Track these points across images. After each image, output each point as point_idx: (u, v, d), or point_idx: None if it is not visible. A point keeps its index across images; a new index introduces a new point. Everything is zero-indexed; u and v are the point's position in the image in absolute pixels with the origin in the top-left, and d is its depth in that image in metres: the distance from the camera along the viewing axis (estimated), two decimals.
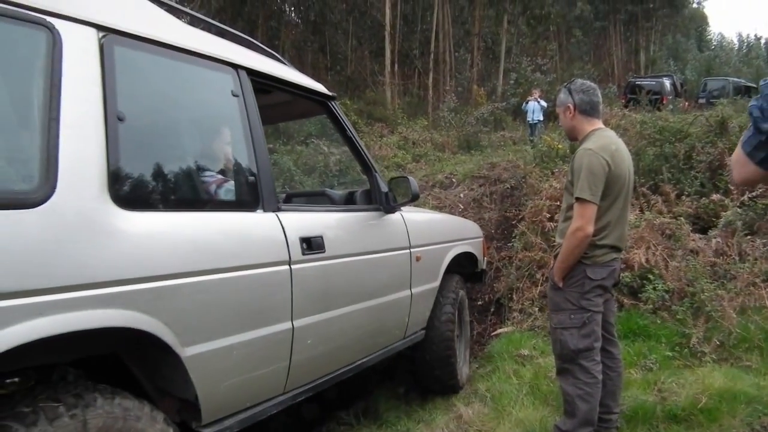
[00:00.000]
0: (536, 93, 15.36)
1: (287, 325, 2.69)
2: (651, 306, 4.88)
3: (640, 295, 5.04)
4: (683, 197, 6.32)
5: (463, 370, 4.57)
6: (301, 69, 3.31)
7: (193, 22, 3.03)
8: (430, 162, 13.27)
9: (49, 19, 1.97)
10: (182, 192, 2.49)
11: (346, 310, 3.12)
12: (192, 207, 2.45)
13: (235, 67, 2.79)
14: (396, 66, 22.88)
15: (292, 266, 2.70)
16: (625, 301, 5.06)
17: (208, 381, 2.32)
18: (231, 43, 2.99)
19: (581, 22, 33.44)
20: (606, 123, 8.65)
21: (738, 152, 1.25)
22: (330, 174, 10.82)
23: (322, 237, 2.93)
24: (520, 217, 6.94)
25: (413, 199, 3.65)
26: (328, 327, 2.98)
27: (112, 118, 2.08)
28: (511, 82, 20.50)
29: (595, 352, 3.16)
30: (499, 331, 5.57)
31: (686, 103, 19.78)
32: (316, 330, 2.87)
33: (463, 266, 4.67)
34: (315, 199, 4.18)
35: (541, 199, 6.54)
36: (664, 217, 5.74)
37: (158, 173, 2.37)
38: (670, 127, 7.43)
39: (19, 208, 1.74)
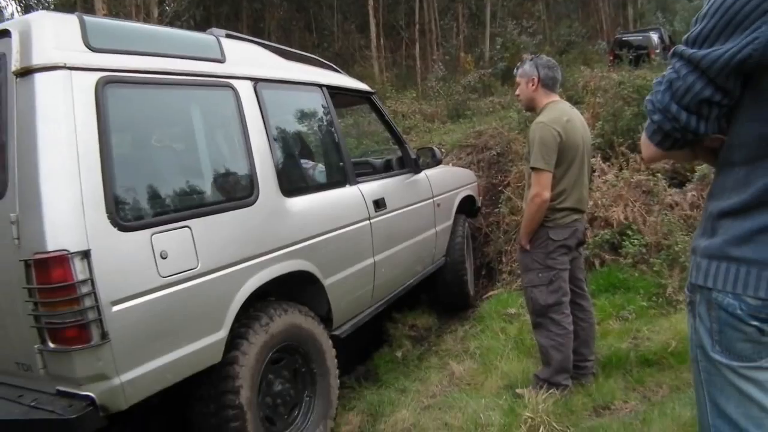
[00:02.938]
0: (527, 57, 15.49)
1: (371, 260, 4.10)
2: (630, 260, 5.20)
3: (620, 250, 5.35)
4: None
5: (471, 288, 6.16)
6: (289, 47, 4.40)
7: (288, 54, 4.18)
8: (420, 133, 13.42)
9: (231, 81, 3.21)
10: (313, 180, 3.91)
11: (401, 246, 4.56)
12: (318, 189, 3.79)
13: (320, 86, 4.07)
14: (382, 39, 23.03)
15: (371, 220, 4.09)
16: (606, 257, 5.40)
17: (336, 300, 3.68)
18: (314, 66, 4.31)
19: None
20: (588, 84, 8.82)
21: (642, 136, 1.52)
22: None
23: (384, 198, 4.31)
24: (505, 182, 7.24)
25: (437, 163, 5.33)
26: (392, 259, 4.40)
27: (272, 140, 3.35)
28: (498, 47, 20.46)
29: (564, 306, 3.49)
30: (489, 293, 5.88)
31: None
32: (386, 261, 4.28)
33: (465, 206, 6.12)
34: (363, 166, 5.36)
35: (524, 163, 6.76)
36: (641, 175, 5.98)
37: (298, 171, 3.78)
38: (647, 86, 7.58)
39: (247, 207, 3.07)
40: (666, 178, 6.01)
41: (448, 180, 5.83)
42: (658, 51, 17.80)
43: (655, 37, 19.35)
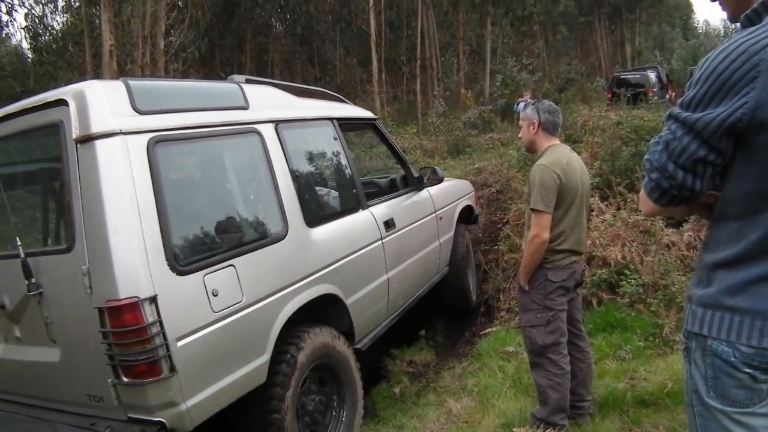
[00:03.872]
0: (527, 95, 15.99)
1: (384, 276, 4.41)
2: (628, 300, 5.17)
3: (617, 290, 5.34)
4: None
5: (474, 294, 6.59)
6: (292, 80, 4.72)
7: (300, 91, 4.54)
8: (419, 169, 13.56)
9: (256, 126, 3.52)
10: (330, 209, 4.19)
11: (410, 261, 4.89)
12: (336, 217, 4.06)
13: (331, 119, 4.38)
14: (384, 74, 23.24)
15: (383, 240, 4.40)
16: (604, 296, 5.39)
17: (357, 316, 3.99)
18: (323, 100, 4.68)
19: (566, 17, 33.75)
20: (586, 123, 8.89)
21: (641, 193, 1.60)
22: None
23: (393, 218, 4.63)
24: (504, 220, 7.29)
25: (440, 181, 5.68)
26: (403, 273, 4.72)
27: (294, 176, 3.65)
28: (498, 83, 20.71)
29: (561, 347, 3.53)
30: (487, 330, 5.90)
31: (673, 93, 20.02)
32: (397, 276, 4.61)
33: (464, 215, 6.46)
34: (367, 186, 5.55)
35: (524, 202, 6.82)
36: (638, 215, 6.02)
37: (318, 201, 4.07)
38: (645, 126, 7.71)
39: (279, 241, 3.38)
40: (663, 219, 6.04)
41: (448, 193, 6.16)
42: (655, 89, 18.03)
43: (652, 75, 19.63)
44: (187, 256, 2.84)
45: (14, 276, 2.82)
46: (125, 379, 2.58)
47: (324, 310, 3.83)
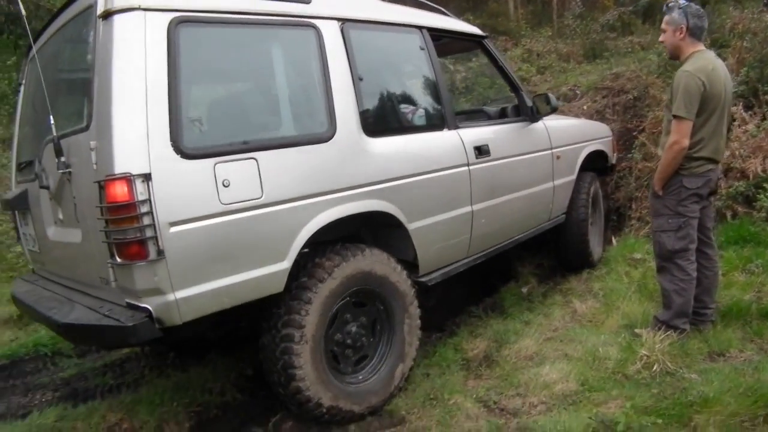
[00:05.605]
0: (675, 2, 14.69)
1: (468, 208, 3.97)
2: (764, 214, 5.11)
3: (754, 203, 5.26)
4: None
5: (597, 250, 5.74)
6: None
7: None
8: (554, 73, 13.14)
9: (314, 21, 3.24)
10: (402, 122, 3.80)
11: (508, 197, 4.36)
12: (408, 131, 3.74)
13: (420, 28, 3.97)
14: None
15: (470, 167, 3.96)
16: (739, 209, 5.33)
17: (423, 246, 3.64)
18: (413, 8, 4.21)
19: None
20: (736, 26, 8.39)
21: None
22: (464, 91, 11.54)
23: (488, 145, 4.13)
24: (641, 128, 7.16)
25: (553, 110, 4.78)
26: (495, 210, 4.24)
27: (356, 80, 3.35)
28: None
29: (690, 253, 3.65)
30: (614, 239, 6.01)
31: None
32: (487, 212, 4.14)
33: (597, 162, 5.79)
34: (476, 115, 5.29)
35: (662, 109, 6.66)
36: None
37: (385, 111, 3.71)
38: None
39: (321, 143, 3.11)
40: None
41: (572, 132, 5.51)
42: None
43: None
44: (198, 140, 2.70)
45: (55, 158, 2.83)
46: (118, 260, 2.53)
47: (384, 233, 3.60)
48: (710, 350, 3.57)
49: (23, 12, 3.12)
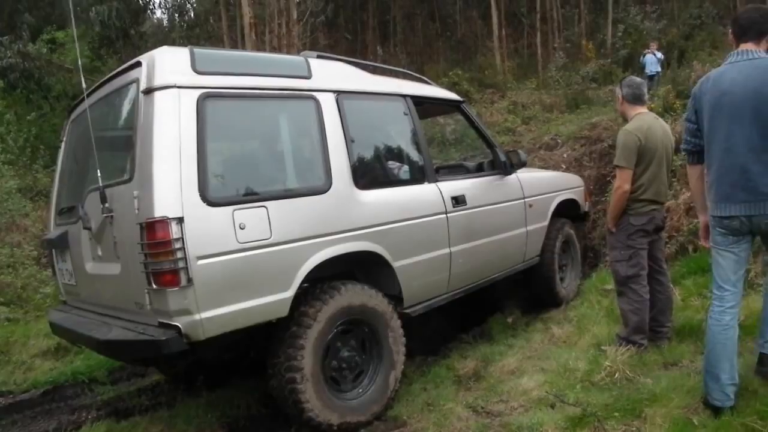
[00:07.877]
0: (653, 45, 15.73)
1: (447, 250, 4.50)
2: None
3: None
4: None
5: (570, 288, 6.27)
6: (413, 37, 5.25)
7: (377, 70, 4.82)
8: (538, 123, 13.80)
9: (314, 93, 3.86)
10: (388, 176, 4.35)
11: (482, 241, 4.88)
12: (393, 184, 4.28)
13: (404, 96, 4.58)
14: (503, 29, 23.15)
15: (448, 215, 4.50)
16: (699, 243, 5.86)
17: (406, 281, 4.16)
18: (398, 79, 4.85)
19: None
20: (697, 79, 9.05)
21: None
22: (449, 144, 12.14)
23: (464, 195, 4.69)
24: (613, 173, 7.72)
25: (521, 165, 5.40)
26: (472, 251, 4.77)
27: (349, 142, 3.93)
28: (620, 33, 20.16)
29: (641, 278, 4.26)
30: (591, 273, 6.61)
31: None
32: (464, 253, 4.67)
33: (570, 210, 6.32)
34: (456, 169, 5.83)
35: None
36: None
37: (374, 168, 4.27)
38: None
39: (319, 194, 3.69)
40: None
41: (544, 183, 6.07)
42: None
43: None
44: (220, 192, 3.26)
45: (99, 204, 3.38)
46: (154, 286, 3.05)
47: (375, 272, 4.10)
48: (665, 361, 4.06)
49: (83, 84, 3.71)
